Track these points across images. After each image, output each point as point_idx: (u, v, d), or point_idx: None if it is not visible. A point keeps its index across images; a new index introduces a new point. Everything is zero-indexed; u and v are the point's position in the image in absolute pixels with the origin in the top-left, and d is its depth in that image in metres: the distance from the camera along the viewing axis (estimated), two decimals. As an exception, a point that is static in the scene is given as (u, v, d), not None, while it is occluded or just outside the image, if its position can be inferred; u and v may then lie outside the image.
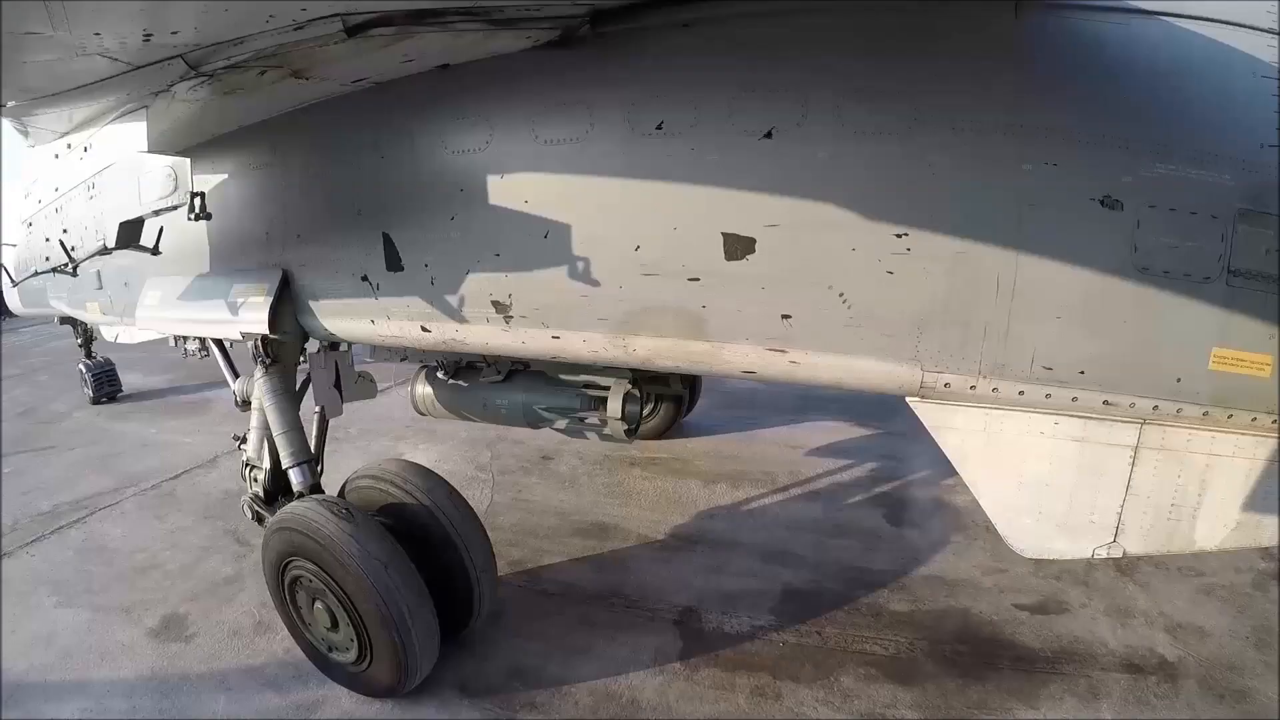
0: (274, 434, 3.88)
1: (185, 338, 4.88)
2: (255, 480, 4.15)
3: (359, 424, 7.79)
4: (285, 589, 3.56)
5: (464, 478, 6.14)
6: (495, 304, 3.14)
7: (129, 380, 9.90)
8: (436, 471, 3.87)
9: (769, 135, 2.52)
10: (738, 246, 2.63)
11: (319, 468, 4.00)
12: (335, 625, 3.39)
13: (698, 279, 2.72)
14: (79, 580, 4.81)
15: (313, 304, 3.73)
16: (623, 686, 3.52)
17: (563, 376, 4.42)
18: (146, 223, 3.34)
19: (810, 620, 3.95)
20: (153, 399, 9.53)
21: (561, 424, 4.46)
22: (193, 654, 3.92)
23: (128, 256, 3.71)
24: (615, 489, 5.87)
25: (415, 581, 3.27)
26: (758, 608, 4.09)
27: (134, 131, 3.01)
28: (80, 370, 9.20)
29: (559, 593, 4.32)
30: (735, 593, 4.25)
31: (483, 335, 3.28)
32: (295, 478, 3.79)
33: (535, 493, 5.85)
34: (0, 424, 8.44)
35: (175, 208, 3.12)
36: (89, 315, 5.56)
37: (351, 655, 3.39)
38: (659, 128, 2.64)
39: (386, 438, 7.44)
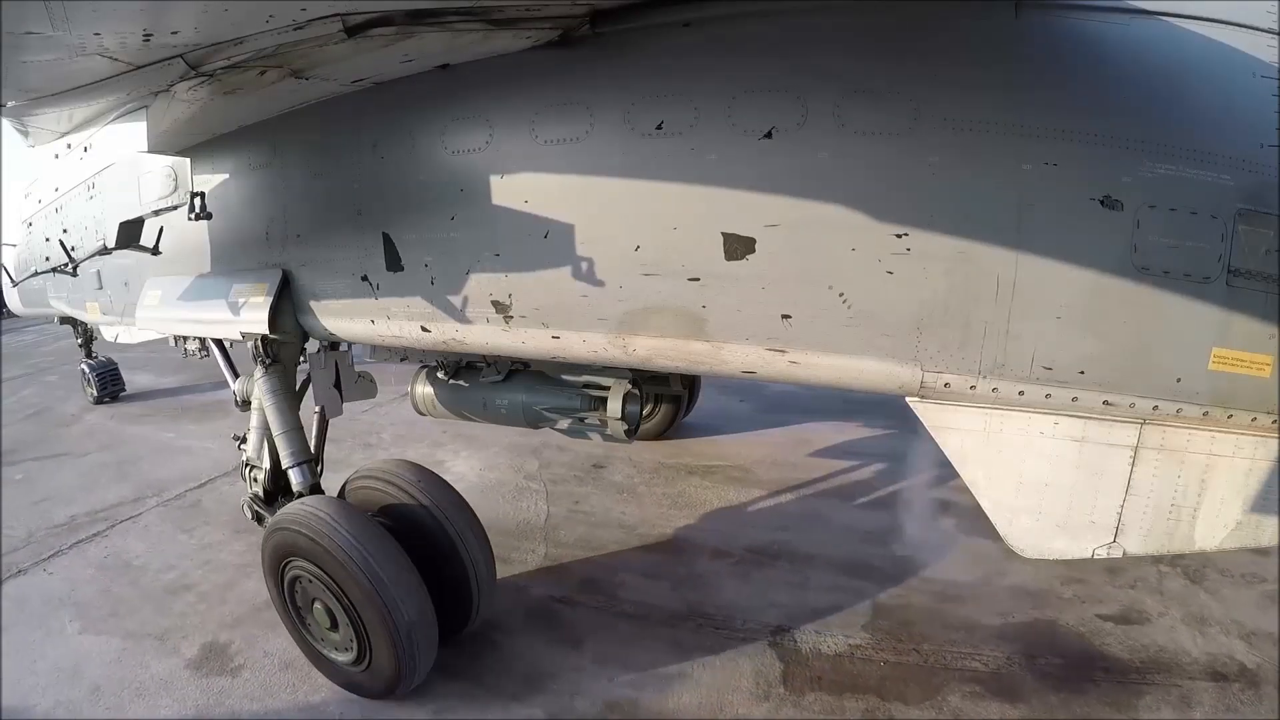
0: (274, 434, 3.89)
1: (185, 338, 4.87)
2: (255, 480, 4.16)
3: (391, 429, 7.52)
4: (285, 589, 3.57)
5: (514, 488, 5.94)
6: (495, 304, 3.14)
7: (139, 381, 9.68)
8: (444, 475, 3.84)
9: (769, 135, 2.52)
10: (738, 246, 2.63)
11: (319, 468, 4.00)
12: (335, 625, 3.39)
13: (698, 279, 2.72)
14: (103, 602, 4.44)
15: (313, 304, 3.73)
16: (729, 716, 3.35)
17: (563, 376, 4.42)
18: (146, 223, 3.34)
19: (905, 637, 3.86)
20: (166, 401, 9.21)
21: (563, 424, 4.46)
22: (241, 690, 3.58)
23: (128, 256, 3.71)
24: (677, 500, 5.66)
25: (414, 581, 3.27)
26: (850, 625, 3.97)
27: (134, 131, 3.00)
28: (83, 370, 9.21)
29: (640, 614, 4.12)
30: (824, 609, 4.12)
31: (483, 335, 3.28)
32: (295, 478, 3.80)
33: (593, 504, 5.61)
34: (0, 434, 8.08)
35: (175, 208, 3.12)
36: (89, 315, 5.57)
37: (351, 655, 3.40)
38: (659, 128, 2.64)
39: (422, 444, 7.11)
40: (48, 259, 4.16)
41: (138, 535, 5.40)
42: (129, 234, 3.31)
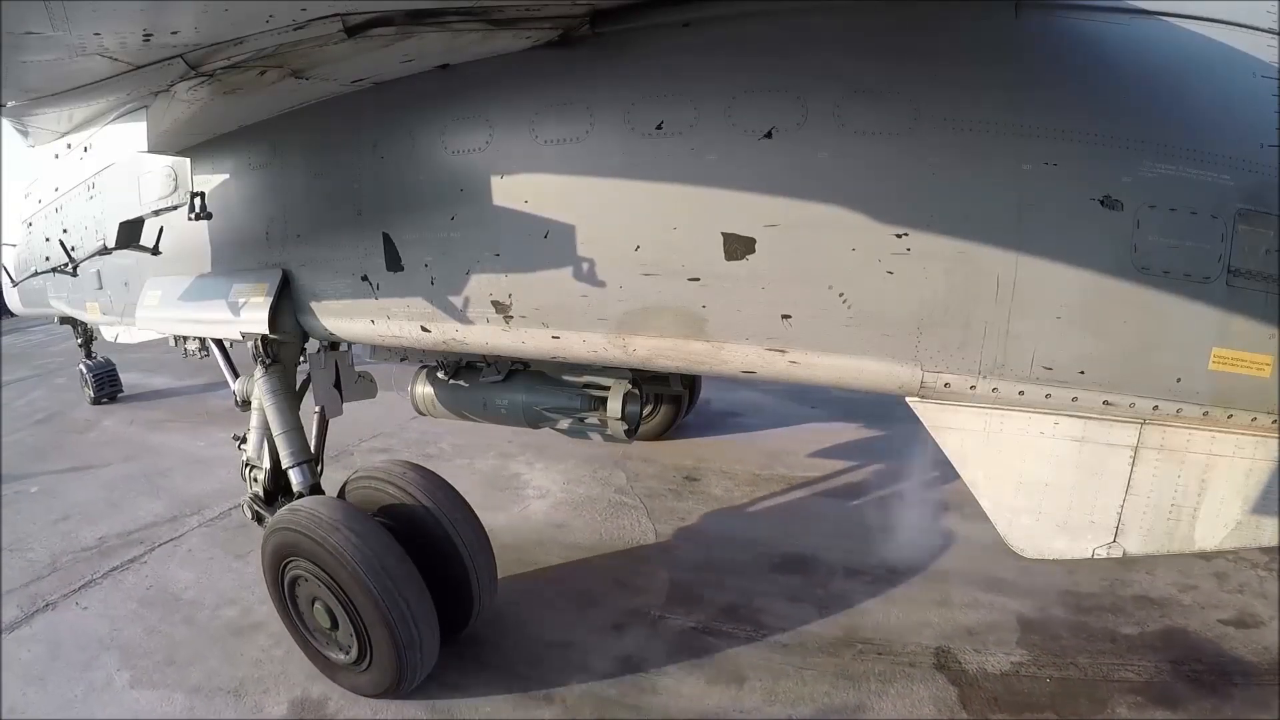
0: (274, 434, 3.89)
1: (185, 338, 4.88)
2: (255, 480, 4.16)
3: (449, 438, 7.01)
4: (285, 589, 3.56)
5: (608, 503, 5.59)
6: (495, 304, 3.14)
7: (156, 384, 9.39)
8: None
9: (769, 135, 2.51)
10: (738, 246, 2.63)
11: (319, 468, 4.00)
12: (335, 625, 3.39)
13: (698, 279, 2.72)
14: (154, 645, 3.81)
15: (313, 304, 3.73)
16: None
17: (563, 376, 4.43)
18: (146, 223, 3.35)
19: (1059, 651, 3.82)
20: (187, 405, 8.70)
21: (563, 424, 4.46)
22: (355, 761, 3.04)
23: (128, 256, 3.72)
24: (787, 514, 5.38)
25: (415, 581, 3.27)
26: (1005, 642, 3.90)
27: (134, 131, 3.01)
28: (80, 370, 9.22)
29: (795, 643, 3.90)
30: (975, 627, 4.02)
31: (483, 335, 3.28)
32: (295, 478, 3.80)
33: (700, 520, 5.29)
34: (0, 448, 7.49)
35: (175, 208, 3.12)
36: (89, 315, 5.57)
37: (352, 655, 3.39)
38: (659, 128, 2.64)
39: (489, 454, 6.65)
40: (48, 259, 4.16)
41: (182, 561, 4.77)
42: (129, 234, 3.31)
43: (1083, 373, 2.43)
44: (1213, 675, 3.60)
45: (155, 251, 3.47)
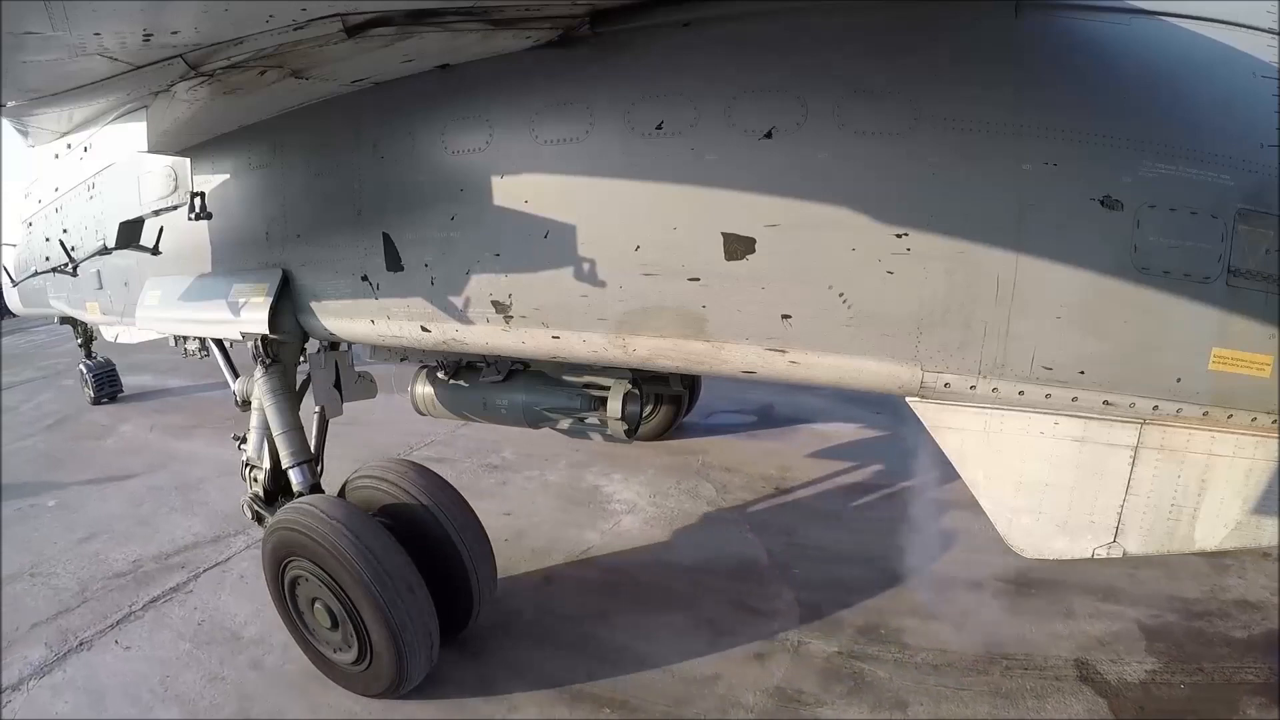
0: (274, 434, 3.89)
1: (185, 338, 4.88)
2: (255, 480, 4.16)
3: (510, 447, 6.55)
4: (285, 589, 3.57)
5: (703, 518, 5.32)
6: (495, 304, 3.14)
7: (172, 385, 9.08)
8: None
9: (769, 135, 2.52)
10: (738, 246, 2.63)
11: (319, 468, 4.01)
12: (335, 625, 3.39)
13: (698, 279, 2.72)
14: (220, 695, 3.27)
15: (313, 304, 3.73)
16: None
17: (563, 376, 4.43)
18: (146, 223, 3.35)
19: (1185, 658, 3.84)
20: (210, 407, 8.05)
21: (563, 424, 4.47)
22: None
23: (128, 256, 3.73)
24: (890, 525, 5.23)
25: (414, 581, 3.27)
26: (1134, 650, 3.90)
27: (134, 131, 3.01)
28: (80, 370, 9.23)
29: (943, 663, 3.82)
30: (1104, 637, 4.01)
31: (483, 335, 3.28)
32: (295, 478, 3.80)
33: (806, 535, 5.07)
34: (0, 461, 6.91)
35: (175, 208, 3.13)
36: (89, 315, 5.57)
37: (351, 655, 3.40)
38: (659, 128, 2.64)
39: (559, 465, 6.23)
40: (48, 259, 4.17)
41: (234, 590, 4.18)
42: (129, 234, 3.32)
43: (1083, 373, 2.43)
44: None
45: (155, 251, 3.47)
